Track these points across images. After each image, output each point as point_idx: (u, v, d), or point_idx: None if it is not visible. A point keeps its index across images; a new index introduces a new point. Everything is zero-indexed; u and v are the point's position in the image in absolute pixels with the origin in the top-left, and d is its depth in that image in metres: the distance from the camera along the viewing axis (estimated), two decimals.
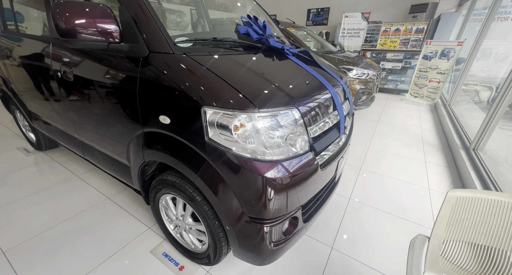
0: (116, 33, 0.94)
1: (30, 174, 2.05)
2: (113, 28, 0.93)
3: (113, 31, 0.94)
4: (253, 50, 1.20)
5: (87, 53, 1.17)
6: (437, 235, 0.87)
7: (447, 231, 0.87)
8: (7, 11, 1.73)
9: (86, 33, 0.89)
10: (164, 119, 0.95)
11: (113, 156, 1.41)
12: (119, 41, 0.96)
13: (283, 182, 0.85)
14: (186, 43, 1.02)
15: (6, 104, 2.40)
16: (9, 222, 1.52)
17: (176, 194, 1.10)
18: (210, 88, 0.84)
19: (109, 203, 1.73)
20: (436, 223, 0.87)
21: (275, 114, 0.85)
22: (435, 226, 0.87)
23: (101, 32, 0.91)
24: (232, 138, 0.82)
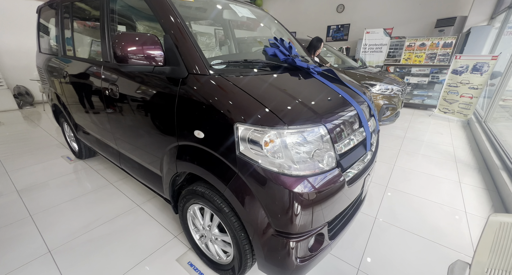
0: (161, 57, 1.08)
1: (72, 180, 2.26)
2: (159, 53, 1.07)
3: (159, 56, 1.07)
4: (280, 69, 1.27)
5: (133, 75, 1.32)
6: (480, 263, 0.81)
7: (491, 258, 0.81)
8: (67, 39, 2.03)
9: (138, 58, 1.03)
10: (199, 134, 1.03)
11: (147, 166, 1.53)
12: (163, 64, 1.10)
13: (309, 197, 0.87)
14: (220, 65, 1.13)
15: (57, 117, 2.72)
16: (55, 223, 1.67)
17: (205, 205, 1.16)
18: (242, 106, 0.92)
19: (139, 210, 1.83)
20: (478, 250, 0.82)
21: (303, 130, 0.89)
22: (476, 253, 0.82)
23: (149, 57, 1.05)
24: (262, 152, 0.87)
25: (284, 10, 7.82)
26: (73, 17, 1.89)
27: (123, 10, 1.52)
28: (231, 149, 0.93)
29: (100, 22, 1.53)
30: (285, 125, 0.86)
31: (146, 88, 1.25)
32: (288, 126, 0.86)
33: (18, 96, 4.86)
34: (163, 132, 1.24)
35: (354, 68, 3.95)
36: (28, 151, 2.87)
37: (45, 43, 2.46)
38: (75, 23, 1.91)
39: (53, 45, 2.31)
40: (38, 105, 5.16)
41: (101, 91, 1.59)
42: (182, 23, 1.11)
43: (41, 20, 2.45)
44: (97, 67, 1.62)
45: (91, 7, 1.79)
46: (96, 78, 1.63)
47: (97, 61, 1.65)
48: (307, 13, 7.38)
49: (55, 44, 2.22)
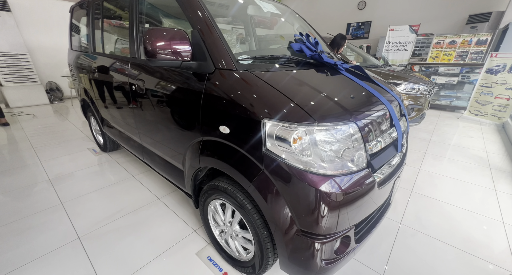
0: (188, 53, 1.08)
1: (97, 171, 2.37)
2: (187, 48, 1.07)
3: (187, 51, 1.08)
4: (307, 66, 1.24)
5: (160, 70, 1.35)
6: None
7: None
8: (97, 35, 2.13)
9: (167, 53, 1.05)
10: (224, 129, 1.03)
11: (170, 160, 1.56)
12: (190, 59, 1.10)
13: (338, 198, 0.83)
14: (247, 60, 1.11)
15: (85, 112, 2.87)
16: (82, 211, 1.76)
17: (227, 200, 1.16)
18: (270, 101, 0.90)
19: (159, 203, 1.88)
20: None
21: (333, 128, 0.85)
22: None
23: (178, 52, 1.06)
24: (290, 150, 0.85)
25: (302, 7, 7.69)
26: (102, 16, 1.97)
27: (151, 8, 1.56)
28: (257, 145, 0.91)
29: (128, 20, 1.58)
30: (315, 122, 0.83)
31: (173, 84, 1.27)
32: (318, 123, 0.83)
33: (49, 92, 5.19)
34: (187, 127, 1.25)
35: (377, 66, 3.80)
36: (58, 143, 3.05)
37: (76, 41, 2.59)
38: (104, 21, 1.99)
39: (83, 42, 2.43)
40: (66, 100, 5.48)
41: (127, 86, 1.64)
42: (210, 18, 1.11)
43: (73, 19, 2.58)
44: (124, 63, 1.67)
45: (120, 6, 1.86)
46: (123, 73, 1.68)
47: (125, 57, 1.71)
48: (326, 10, 7.20)
49: (85, 42, 2.34)
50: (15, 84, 4.67)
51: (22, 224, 1.63)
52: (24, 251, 1.39)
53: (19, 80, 4.68)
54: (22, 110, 4.54)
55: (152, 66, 1.41)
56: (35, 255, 1.37)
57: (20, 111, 4.50)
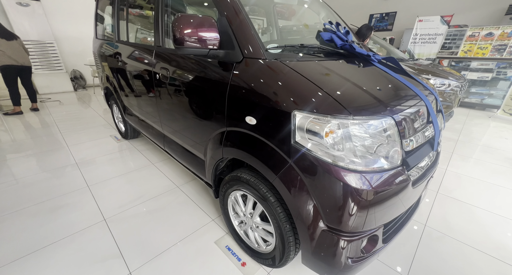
0: (216, 40, 1.06)
1: (118, 158, 2.46)
2: (215, 36, 1.05)
3: (215, 39, 1.05)
4: (336, 56, 1.18)
5: (186, 59, 1.34)
6: None
7: None
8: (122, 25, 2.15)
9: (195, 41, 1.03)
10: (250, 120, 1.01)
11: (191, 149, 1.58)
12: (217, 48, 1.08)
13: (369, 196, 0.80)
14: (276, 49, 1.07)
15: (107, 99, 2.96)
16: (106, 195, 1.84)
17: (248, 192, 1.15)
18: (301, 92, 0.86)
19: (178, 191, 1.93)
20: None
21: (369, 122, 0.81)
22: None
23: (206, 40, 1.04)
24: (320, 143, 0.82)
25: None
26: (127, 5, 1.98)
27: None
28: (286, 137, 0.89)
29: (154, 9, 1.57)
30: (350, 114, 0.79)
31: (198, 73, 1.26)
32: (353, 116, 0.79)
33: (74, 80, 5.41)
34: (211, 117, 1.25)
35: (402, 60, 3.58)
36: (82, 129, 3.19)
37: (101, 29, 2.64)
38: (129, 10, 2.00)
39: (107, 31, 2.48)
40: (89, 89, 5.69)
41: (151, 75, 1.66)
42: (239, 3, 1.07)
43: (98, 8, 2.63)
44: (149, 52, 1.68)
45: None
46: (147, 62, 1.70)
47: (149, 46, 1.71)
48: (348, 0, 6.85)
49: (110, 31, 2.37)
50: (44, 72, 4.90)
51: (54, 203, 1.73)
52: (57, 228, 1.49)
53: (47, 68, 4.91)
54: (49, 97, 4.78)
55: (178, 55, 1.40)
56: (67, 233, 1.45)
57: (48, 97, 4.74)
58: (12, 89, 3.54)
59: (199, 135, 1.41)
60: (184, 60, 1.36)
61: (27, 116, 3.65)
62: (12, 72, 3.46)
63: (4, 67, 3.38)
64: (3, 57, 3.33)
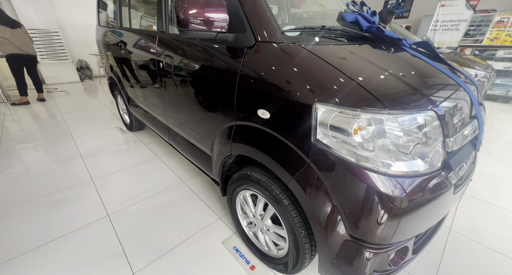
0: (225, 23, 0.93)
1: (123, 150, 2.39)
2: (223, 17, 0.92)
3: (223, 20, 0.92)
4: (361, 40, 1.03)
5: (191, 44, 1.22)
6: None
7: None
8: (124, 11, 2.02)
9: (200, 23, 0.90)
10: (263, 114, 0.89)
11: (196, 144, 1.48)
12: (226, 31, 0.95)
13: (403, 204, 0.68)
14: (294, 31, 0.93)
15: (112, 90, 2.88)
16: (111, 189, 1.79)
17: (259, 192, 1.05)
18: (325, 81, 0.73)
19: (184, 187, 1.85)
20: None
21: (408, 117, 0.67)
22: None
23: (213, 22, 0.91)
24: (348, 141, 0.70)
25: None
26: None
27: None
28: (305, 134, 0.77)
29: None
30: (385, 108, 0.65)
31: (204, 60, 1.14)
32: (389, 110, 0.65)
33: (80, 70, 5.37)
34: (218, 110, 1.13)
35: None
36: (88, 120, 3.15)
37: (104, 16, 2.52)
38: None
39: (110, 17, 2.35)
40: (95, 79, 5.65)
41: (154, 63, 1.54)
42: None
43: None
44: (152, 38, 1.56)
45: None
46: (150, 49, 1.58)
47: (152, 32, 1.59)
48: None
49: (112, 17, 2.25)
50: (50, 61, 4.86)
51: (57, 197, 1.68)
52: (59, 224, 1.44)
53: (53, 57, 4.86)
54: (56, 87, 4.76)
55: (182, 40, 1.28)
56: (69, 229, 1.41)
57: (55, 88, 4.72)
58: (19, 78, 3.51)
59: (205, 129, 1.30)
60: (189, 46, 1.23)
61: (34, 106, 3.63)
62: (18, 61, 3.42)
63: (10, 56, 3.33)
64: (9, 45, 3.27)
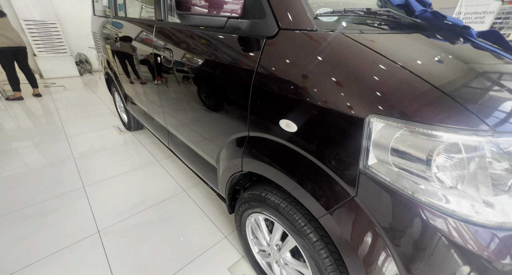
0: (238, 4, 0.71)
1: (121, 153, 2.20)
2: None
3: (236, 2, 0.70)
4: (410, 29, 0.80)
5: (194, 35, 1.00)
6: None
7: None
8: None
9: (206, 5, 0.68)
10: (288, 126, 0.67)
11: (200, 152, 1.27)
12: (239, 16, 0.73)
13: (505, 269, 0.46)
14: (331, 16, 0.71)
15: (109, 86, 2.67)
16: (103, 199, 1.60)
17: (276, 220, 0.85)
18: (387, 86, 0.51)
19: (185, 196, 1.66)
20: None
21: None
22: None
23: (222, 4, 0.69)
24: (421, 172, 0.48)
25: None
26: None
27: None
28: (350, 158, 0.55)
29: None
30: (488, 128, 0.44)
31: (210, 53, 0.92)
32: (494, 130, 0.44)
33: (79, 64, 5.16)
34: (227, 115, 0.92)
35: None
36: (85, 118, 2.96)
37: (99, 5, 2.29)
38: None
39: (105, 6, 2.13)
40: (95, 73, 5.44)
41: (152, 57, 1.32)
42: None
43: None
44: (149, 28, 1.34)
45: None
46: (147, 41, 1.36)
47: (149, 21, 1.37)
48: None
49: (107, 5, 2.03)
50: (48, 55, 4.66)
51: (44, 207, 1.50)
52: (42, 242, 1.26)
53: (51, 51, 4.65)
54: (54, 82, 4.57)
55: (183, 30, 1.06)
56: (53, 249, 1.22)
57: (53, 82, 4.53)
58: (10, 73, 3.30)
59: (210, 136, 1.09)
60: (191, 37, 1.01)
61: (28, 102, 3.44)
62: (9, 54, 3.21)
63: (1, 49, 3.12)
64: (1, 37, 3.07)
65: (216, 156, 1.11)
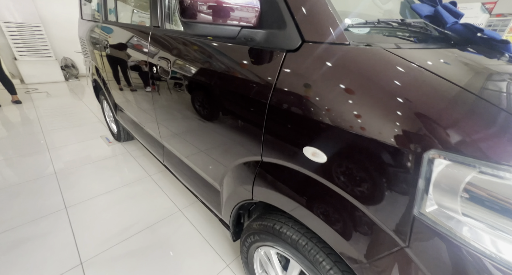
0: (254, 12, 0.60)
1: (109, 167, 2.02)
2: (252, 4, 0.59)
3: (252, 8, 0.60)
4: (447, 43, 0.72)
5: (197, 44, 0.88)
6: None
7: None
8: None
9: (217, 12, 0.58)
10: (315, 155, 0.57)
11: (200, 172, 1.15)
12: (254, 25, 0.63)
13: None
14: (363, 27, 0.61)
15: (97, 94, 2.50)
16: (89, 222, 1.42)
17: (293, 258, 0.73)
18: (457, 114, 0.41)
19: (181, 217, 1.51)
20: None
21: None
22: None
23: (235, 10, 0.58)
24: (503, 228, 0.38)
25: None
26: None
27: None
28: (401, 202, 0.45)
29: None
30: None
31: (216, 65, 0.80)
32: None
33: (64, 68, 4.90)
34: (235, 135, 0.81)
35: None
36: (69, 127, 2.74)
37: (87, 8, 2.14)
38: None
39: (94, 9, 1.98)
40: (82, 78, 5.19)
41: (146, 66, 1.20)
42: None
43: None
44: (143, 35, 1.21)
45: None
46: (141, 49, 1.23)
47: (143, 28, 1.25)
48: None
49: (96, 8, 1.89)
50: (30, 59, 4.39)
51: (18, 234, 1.31)
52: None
53: (34, 54, 4.39)
54: (37, 87, 4.29)
55: (184, 39, 0.94)
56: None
57: (35, 88, 4.25)
58: None
59: (213, 157, 0.97)
60: (193, 46, 0.90)
61: (6, 110, 3.18)
62: None
63: None
64: None
65: (220, 178, 0.99)
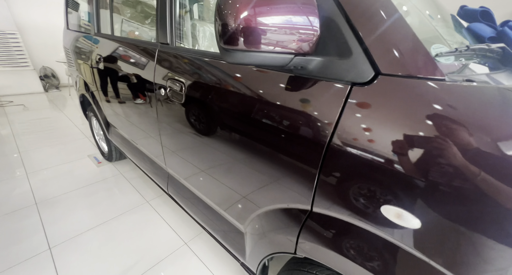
0: (312, 36, 0.49)
1: (99, 193, 1.79)
2: (312, 26, 0.48)
3: (309, 32, 0.48)
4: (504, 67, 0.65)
5: (220, 67, 0.75)
6: None
7: None
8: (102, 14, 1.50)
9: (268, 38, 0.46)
10: (400, 217, 0.45)
11: (215, 208, 1.00)
12: (309, 51, 0.51)
13: None
14: (447, 55, 0.51)
15: (84, 110, 2.27)
16: (79, 265, 1.20)
17: None
18: None
19: (187, 252, 1.33)
20: None
21: None
22: None
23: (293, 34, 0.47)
24: None
25: None
26: None
27: None
28: None
29: None
30: None
31: (252, 95, 0.68)
32: None
33: (44, 78, 4.55)
34: (278, 178, 0.68)
35: None
36: (51, 146, 2.47)
37: (75, 18, 1.95)
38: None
39: (83, 19, 1.80)
40: (63, 89, 4.84)
41: (150, 88, 1.05)
42: None
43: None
44: (147, 53, 1.07)
45: None
46: (145, 67, 1.09)
47: (148, 43, 1.10)
48: None
49: (86, 19, 1.71)
50: (4, 68, 4.02)
51: None
52: None
53: (8, 64, 4.03)
54: (11, 100, 3.92)
55: (200, 60, 0.81)
56: None
57: (9, 101, 3.88)
58: None
59: (244, 197, 0.83)
60: (215, 70, 0.77)
61: None
62: None
63: None
64: None
65: (245, 220, 0.84)
